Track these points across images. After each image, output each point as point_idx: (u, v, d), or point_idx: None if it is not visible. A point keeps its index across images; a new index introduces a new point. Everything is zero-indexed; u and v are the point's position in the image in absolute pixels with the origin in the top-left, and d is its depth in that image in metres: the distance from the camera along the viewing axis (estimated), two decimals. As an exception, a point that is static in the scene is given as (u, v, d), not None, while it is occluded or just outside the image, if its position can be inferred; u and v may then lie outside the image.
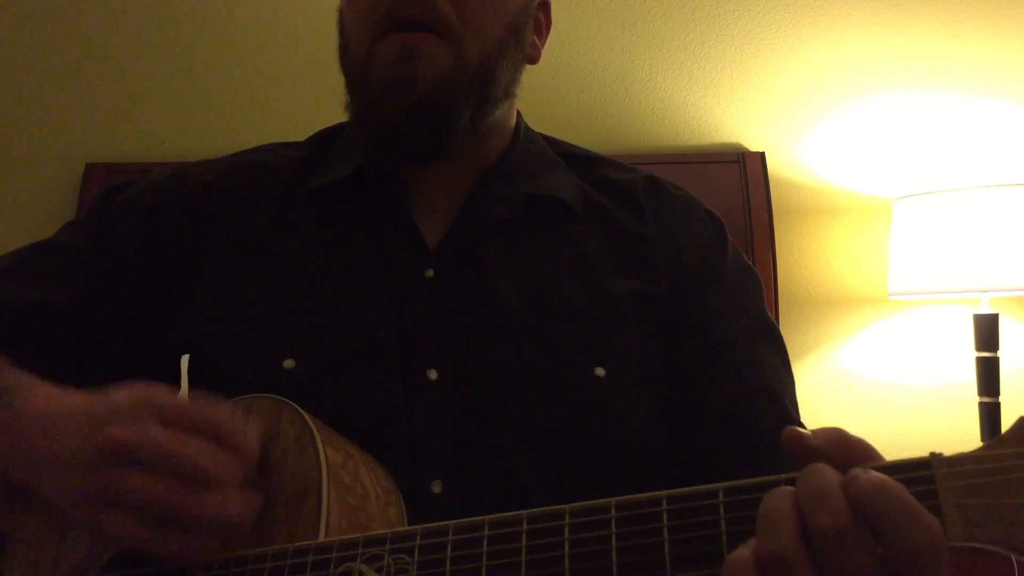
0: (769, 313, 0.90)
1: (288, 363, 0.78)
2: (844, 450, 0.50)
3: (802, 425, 0.83)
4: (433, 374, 0.78)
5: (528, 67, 0.90)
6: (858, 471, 0.47)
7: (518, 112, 0.94)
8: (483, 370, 0.78)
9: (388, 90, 0.79)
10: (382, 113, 0.80)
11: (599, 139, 2.07)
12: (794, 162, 2.07)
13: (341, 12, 0.87)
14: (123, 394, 0.64)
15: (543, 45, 0.92)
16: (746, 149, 2.06)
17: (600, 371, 0.79)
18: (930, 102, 2.06)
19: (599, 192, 0.90)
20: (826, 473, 0.48)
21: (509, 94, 0.87)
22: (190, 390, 0.86)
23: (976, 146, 2.04)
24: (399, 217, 0.84)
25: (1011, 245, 1.68)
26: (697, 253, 0.87)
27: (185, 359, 0.87)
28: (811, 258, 2.05)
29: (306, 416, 0.68)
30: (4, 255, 0.90)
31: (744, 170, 2.00)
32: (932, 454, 0.47)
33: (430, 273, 0.82)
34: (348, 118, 0.87)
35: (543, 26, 0.93)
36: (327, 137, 0.94)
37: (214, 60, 2.13)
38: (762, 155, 2.03)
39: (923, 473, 0.47)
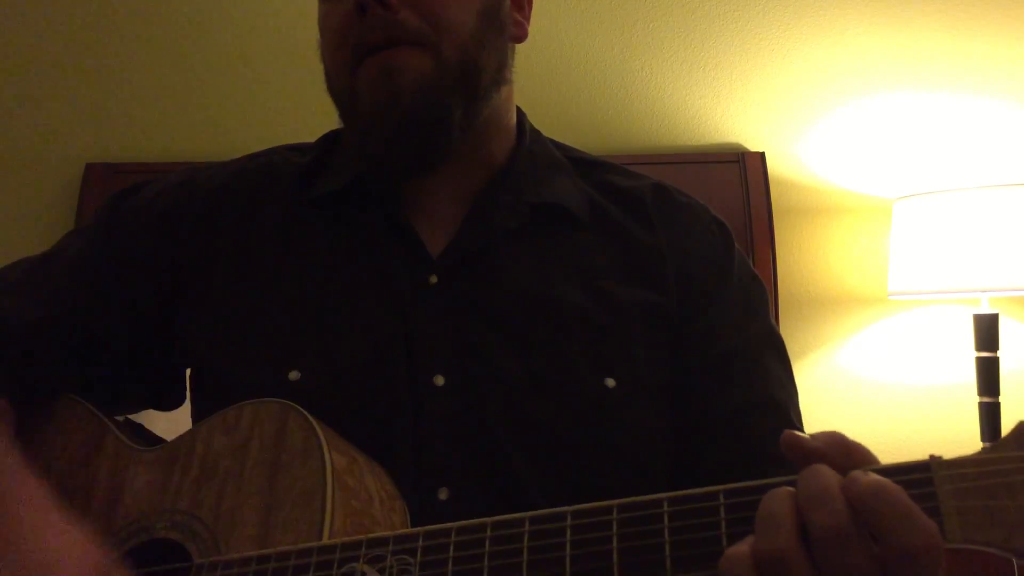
0: (774, 323, 0.90)
1: (293, 375, 0.77)
2: (842, 453, 0.51)
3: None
4: (440, 380, 0.77)
5: (527, 68, 0.90)
6: (858, 473, 0.48)
7: (521, 111, 0.93)
8: (489, 378, 0.77)
9: (375, 110, 0.78)
10: (375, 134, 0.79)
11: (599, 139, 2.07)
12: (794, 162, 2.07)
13: (319, 44, 0.86)
14: None
15: (527, 20, 0.90)
16: (746, 149, 2.06)
17: (610, 382, 0.79)
18: (930, 102, 2.06)
19: (606, 199, 0.89)
20: (826, 474, 0.48)
21: (500, 81, 0.85)
22: (194, 400, 0.86)
23: (976, 146, 2.04)
24: (399, 225, 0.84)
25: (1011, 245, 1.68)
26: (704, 262, 0.87)
27: (187, 372, 0.87)
28: (811, 258, 2.05)
29: (312, 420, 0.69)
30: (9, 266, 0.90)
31: (744, 170, 2.00)
32: (931, 457, 0.48)
33: (433, 280, 0.81)
34: (344, 141, 0.87)
35: (524, 1, 0.90)
36: (333, 140, 0.93)
37: (214, 60, 2.13)
38: (762, 155, 2.03)
39: (922, 476, 0.48)
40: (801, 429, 0.83)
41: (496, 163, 0.88)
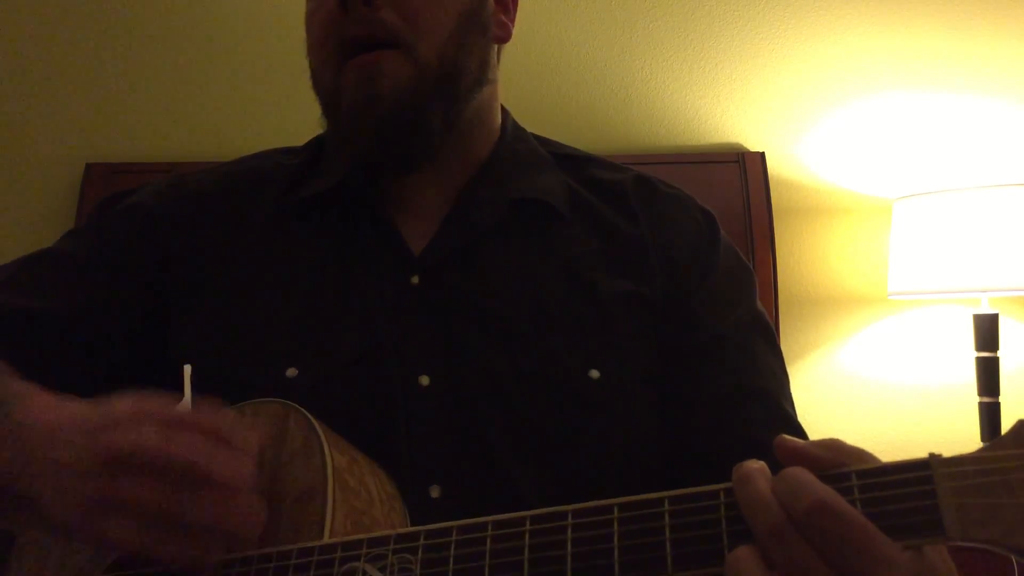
0: (763, 308, 0.90)
1: (291, 372, 0.78)
2: (839, 460, 0.51)
3: (797, 423, 0.83)
4: (425, 380, 0.78)
5: (527, 68, 0.90)
6: (787, 471, 0.50)
7: (505, 110, 0.94)
8: (475, 375, 0.78)
9: (355, 113, 0.80)
10: (354, 136, 0.81)
11: (599, 139, 2.07)
12: (794, 162, 2.07)
13: (306, 43, 0.87)
14: (123, 403, 0.64)
15: (512, 21, 0.91)
16: (746, 149, 2.06)
17: (595, 373, 0.79)
18: (930, 102, 2.06)
19: (588, 192, 0.89)
20: (758, 480, 0.50)
21: (482, 81, 0.86)
22: (193, 398, 0.86)
23: (976, 146, 2.04)
24: (383, 226, 0.85)
25: (1011, 245, 1.69)
26: (689, 249, 0.87)
27: (188, 368, 0.87)
28: (811, 258, 2.05)
29: (313, 420, 0.69)
30: (5, 264, 0.90)
31: (744, 170, 2.00)
32: (931, 455, 0.48)
33: (415, 280, 0.82)
34: (328, 139, 0.89)
35: (508, 2, 0.92)
36: (321, 143, 0.94)
37: (214, 61, 2.13)
38: (762, 155, 2.03)
39: (922, 473, 0.48)
40: (792, 413, 0.84)
41: (480, 161, 0.88)
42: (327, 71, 0.82)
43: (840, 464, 0.50)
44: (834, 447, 0.51)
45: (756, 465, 0.51)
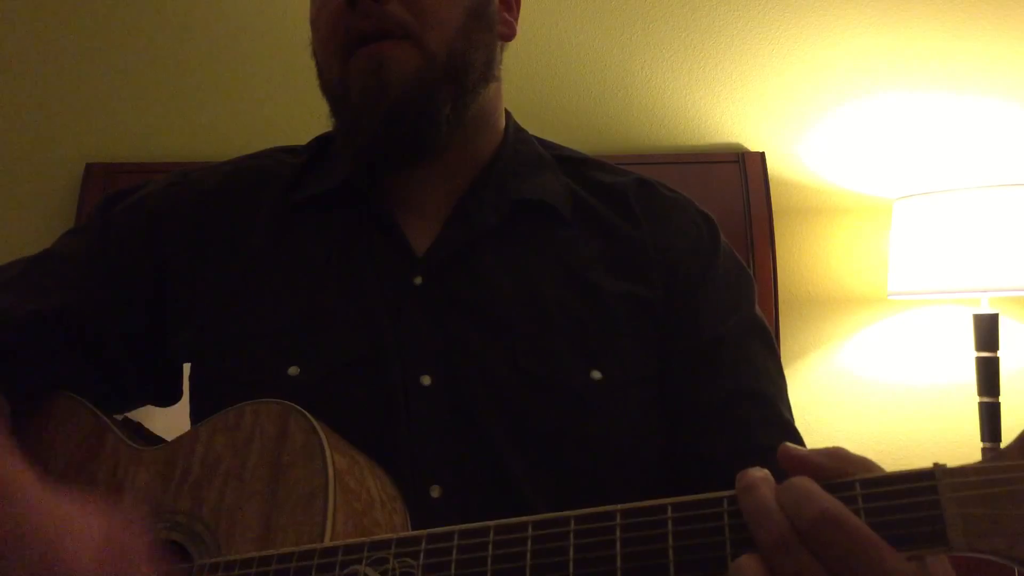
0: (762, 313, 0.90)
1: (292, 370, 0.78)
2: (841, 468, 0.51)
3: (795, 428, 0.84)
4: (426, 380, 0.78)
5: (528, 68, 0.90)
6: (790, 481, 0.50)
7: (508, 112, 0.94)
8: (476, 375, 0.78)
9: (363, 102, 0.80)
10: (362, 125, 0.80)
11: (599, 139, 2.07)
12: (794, 162, 2.07)
13: (312, 43, 0.87)
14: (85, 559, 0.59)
15: (516, 20, 0.92)
16: (746, 149, 2.06)
17: (596, 374, 0.79)
18: (930, 102, 2.06)
19: (590, 195, 0.90)
20: (762, 490, 0.50)
21: (488, 78, 0.86)
22: (193, 397, 0.86)
23: (976, 146, 2.04)
24: (386, 225, 0.85)
25: (1011, 245, 1.69)
26: (689, 253, 0.88)
27: (187, 367, 0.87)
28: (811, 258, 2.05)
29: (314, 421, 0.69)
30: (5, 265, 0.90)
31: (744, 170, 2.00)
32: (935, 465, 0.48)
33: (418, 280, 0.82)
34: (336, 138, 0.88)
35: (511, 0, 0.92)
36: (326, 142, 0.94)
37: (214, 60, 2.13)
38: (762, 155, 2.03)
39: (926, 484, 0.48)
40: (789, 417, 0.84)
41: (483, 161, 0.89)
42: (334, 64, 0.82)
43: (844, 473, 0.50)
44: (838, 455, 0.51)
45: (760, 474, 0.51)
